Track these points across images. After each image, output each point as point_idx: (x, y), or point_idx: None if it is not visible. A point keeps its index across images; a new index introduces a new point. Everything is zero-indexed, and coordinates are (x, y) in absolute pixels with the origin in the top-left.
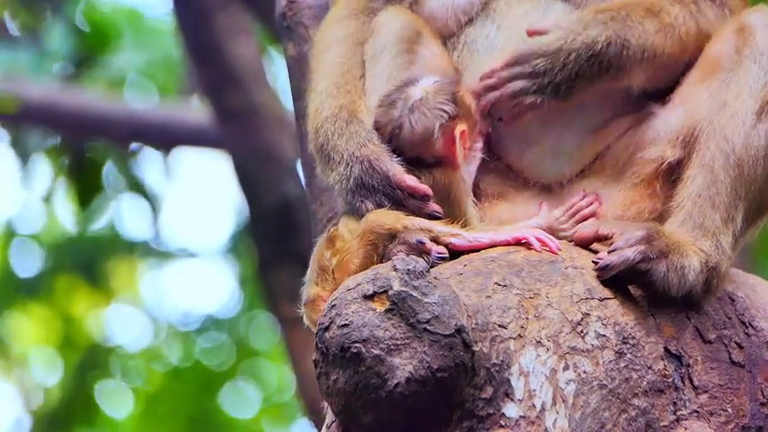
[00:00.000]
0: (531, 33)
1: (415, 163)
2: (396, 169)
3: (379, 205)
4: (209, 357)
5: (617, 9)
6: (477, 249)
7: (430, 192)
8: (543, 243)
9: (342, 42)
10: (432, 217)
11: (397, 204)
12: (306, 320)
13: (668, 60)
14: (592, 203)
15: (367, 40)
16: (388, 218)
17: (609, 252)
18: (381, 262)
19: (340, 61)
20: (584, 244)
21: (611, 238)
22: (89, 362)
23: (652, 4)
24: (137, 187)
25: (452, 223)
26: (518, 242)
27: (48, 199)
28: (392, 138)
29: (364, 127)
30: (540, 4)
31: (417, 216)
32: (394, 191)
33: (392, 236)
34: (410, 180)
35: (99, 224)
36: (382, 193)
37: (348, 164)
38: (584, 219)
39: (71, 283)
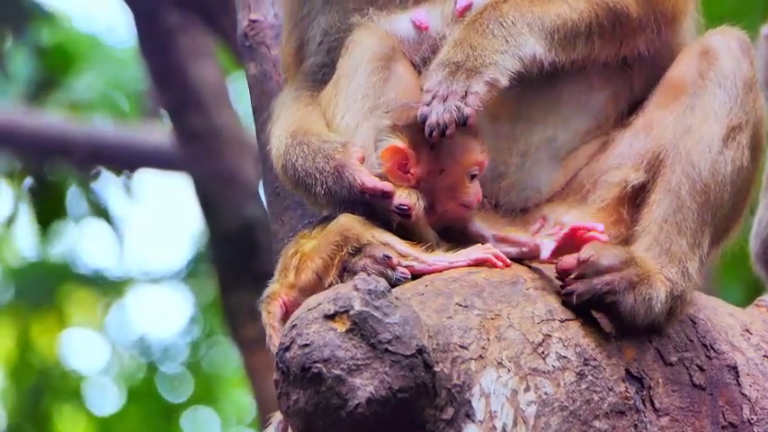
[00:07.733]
0: None
1: None
2: (358, 174)
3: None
4: (168, 382)
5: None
6: (435, 272)
7: (390, 188)
8: (500, 259)
9: (289, 107)
10: (400, 210)
11: (371, 211)
12: (263, 316)
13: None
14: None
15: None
16: (358, 224)
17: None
18: (342, 266)
19: (289, 114)
20: (566, 273)
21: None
22: (44, 385)
23: None
24: (100, 212)
25: (415, 245)
26: (478, 263)
27: (9, 223)
28: None
29: (324, 139)
30: None
31: (385, 223)
32: (362, 196)
33: (358, 244)
34: (369, 181)
35: (60, 249)
36: (355, 201)
37: (323, 182)
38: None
39: (29, 307)
